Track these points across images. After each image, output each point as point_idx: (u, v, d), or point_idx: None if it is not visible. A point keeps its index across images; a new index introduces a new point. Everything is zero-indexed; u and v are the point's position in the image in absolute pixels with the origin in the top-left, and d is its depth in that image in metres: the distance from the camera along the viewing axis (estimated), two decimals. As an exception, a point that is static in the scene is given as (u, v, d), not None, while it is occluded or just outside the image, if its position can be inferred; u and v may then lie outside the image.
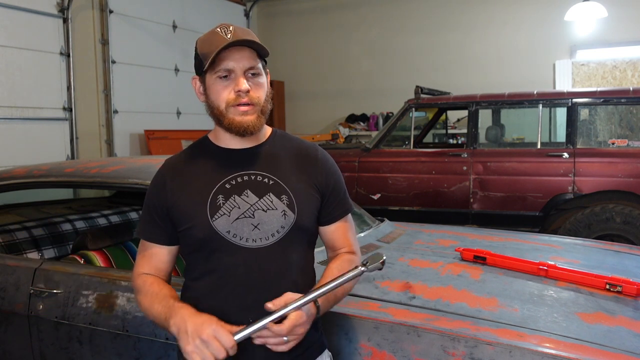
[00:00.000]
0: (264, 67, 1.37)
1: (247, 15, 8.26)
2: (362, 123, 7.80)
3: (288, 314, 1.17)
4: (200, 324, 1.17)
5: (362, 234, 2.39)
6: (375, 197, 4.75)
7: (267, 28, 8.60)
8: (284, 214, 1.31)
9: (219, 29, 1.31)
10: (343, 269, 1.33)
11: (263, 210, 1.31)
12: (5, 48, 5.09)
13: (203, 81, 1.35)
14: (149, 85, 6.40)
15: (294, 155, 1.41)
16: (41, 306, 1.98)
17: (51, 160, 3.86)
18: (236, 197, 1.31)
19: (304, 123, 8.28)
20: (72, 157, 5.69)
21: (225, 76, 1.30)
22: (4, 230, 2.60)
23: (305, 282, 1.37)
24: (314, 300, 1.23)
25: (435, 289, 1.76)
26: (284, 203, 1.32)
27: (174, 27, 6.82)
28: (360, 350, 1.50)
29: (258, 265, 1.29)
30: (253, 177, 1.34)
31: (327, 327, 1.56)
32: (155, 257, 1.40)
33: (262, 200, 1.32)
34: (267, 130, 1.44)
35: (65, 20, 5.59)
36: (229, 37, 1.28)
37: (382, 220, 2.70)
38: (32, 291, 2.02)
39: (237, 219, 1.30)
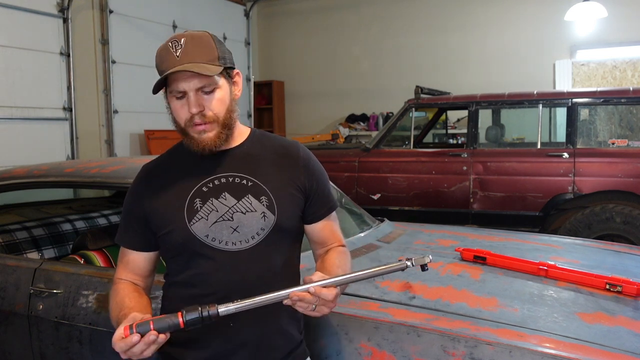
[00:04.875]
0: (226, 75, 1.32)
1: (247, 15, 8.25)
2: (362, 123, 7.79)
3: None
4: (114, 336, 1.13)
5: (362, 234, 2.39)
6: (375, 197, 4.75)
7: (267, 28, 8.60)
8: (264, 215, 1.30)
9: (170, 44, 1.27)
10: (342, 260, 1.35)
11: (242, 212, 1.29)
12: (5, 48, 5.09)
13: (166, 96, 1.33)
14: (149, 85, 6.24)
15: (274, 155, 1.38)
16: (41, 306, 1.98)
17: (51, 160, 3.85)
18: (214, 200, 1.30)
19: (304, 123, 8.27)
20: (72, 157, 5.68)
21: (179, 96, 1.28)
22: (4, 230, 2.60)
23: (288, 285, 1.36)
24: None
25: (435, 289, 1.76)
26: (263, 205, 1.30)
27: (174, 27, 6.81)
28: (360, 350, 1.50)
29: (238, 269, 1.28)
30: (231, 179, 1.32)
31: (327, 327, 1.56)
32: (133, 263, 1.39)
33: (240, 202, 1.30)
34: (245, 131, 1.42)
35: (65, 20, 5.58)
36: (178, 54, 1.25)
37: (382, 220, 2.70)
38: (32, 291, 2.02)
39: (216, 222, 1.28)
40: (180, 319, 1.12)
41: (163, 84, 1.30)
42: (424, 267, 1.20)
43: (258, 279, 1.28)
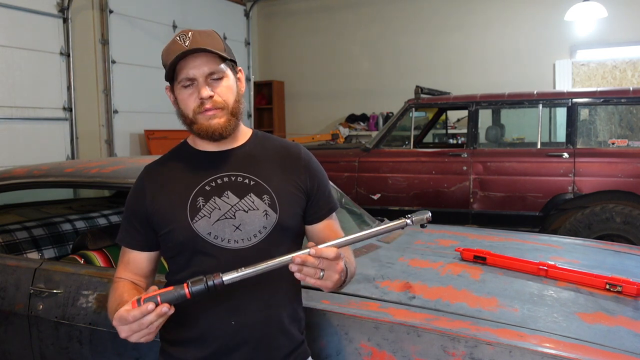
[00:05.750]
0: (232, 67, 1.35)
1: (247, 15, 8.26)
2: (362, 123, 7.79)
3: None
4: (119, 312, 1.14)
5: (362, 234, 2.39)
6: (375, 197, 4.75)
7: (267, 28, 8.60)
8: (266, 214, 1.31)
9: (178, 37, 1.30)
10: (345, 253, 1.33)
11: (244, 210, 1.30)
12: (5, 48, 5.09)
13: (173, 90, 1.36)
14: (149, 85, 6.39)
15: (276, 155, 1.40)
16: (41, 306, 1.98)
17: (51, 160, 3.85)
18: (216, 198, 1.31)
19: (304, 123, 8.27)
20: (72, 157, 5.68)
21: (188, 84, 1.30)
22: (4, 230, 2.60)
23: (290, 283, 1.36)
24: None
25: (435, 289, 1.76)
26: (265, 203, 1.31)
27: (174, 27, 6.82)
28: (360, 350, 1.50)
29: (240, 266, 1.27)
30: (233, 179, 1.34)
31: (327, 327, 1.56)
32: (134, 263, 1.40)
33: (243, 201, 1.31)
34: (247, 132, 1.44)
35: (65, 20, 5.58)
36: (186, 44, 1.27)
37: (382, 220, 2.70)
38: (32, 291, 2.02)
39: (218, 220, 1.29)
40: (187, 290, 1.12)
41: (173, 73, 1.31)
42: (423, 225, 1.22)
43: (260, 276, 1.29)
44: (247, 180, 1.34)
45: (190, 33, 1.30)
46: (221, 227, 1.29)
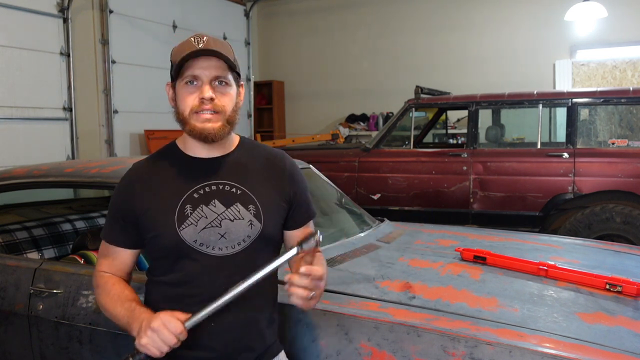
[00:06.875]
0: (236, 80, 1.38)
1: (247, 15, 8.25)
2: (362, 123, 7.79)
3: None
4: (151, 317, 1.21)
5: (362, 234, 2.39)
6: (375, 197, 4.74)
7: (267, 28, 8.59)
8: (251, 223, 1.34)
9: (192, 38, 1.33)
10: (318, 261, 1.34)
11: (230, 219, 1.33)
12: (5, 48, 5.09)
13: (174, 87, 1.37)
14: (149, 85, 6.39)
15: (262, 165, 1.43)
16: (41, 306, 1.98)
17: (51, 160, 3.85)
18: (204, 207, 1.33)
19: (304, 123, 8.27)
20: (72, 157, 5.68)
21: (192, 82, 1.32)
22: (4, 230, 2.60)
23: (270, 289, 1.41)
24: None
25: (435, 289, 1.76)
26: (251, 213, 1.34)
27: (174, 27, 6.81)
28: (360, 350, 1.50)
29: (223, 273, 1.31)
30: (221, 187, 1.36)
31: (327, 327, 1.56)
32: (119, 259, 1.42)
33: (229, 210, 1.34)
34: (235, 139, 1.46)
35: (65, 20, 5.58)
36: (200, 46, 1.30)
37: (382, 220, 2.70)
38: (32, 291, 2.02)
39: (205, 228, 1.32)
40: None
41: (179, 71, 1.33)
42: (316, 246, 1.24)
43: (243, 279, 1.31)
44: (234, 189, 1.36)
45: (205, 37, 1.32)
46: (207, 235, 1.31)
